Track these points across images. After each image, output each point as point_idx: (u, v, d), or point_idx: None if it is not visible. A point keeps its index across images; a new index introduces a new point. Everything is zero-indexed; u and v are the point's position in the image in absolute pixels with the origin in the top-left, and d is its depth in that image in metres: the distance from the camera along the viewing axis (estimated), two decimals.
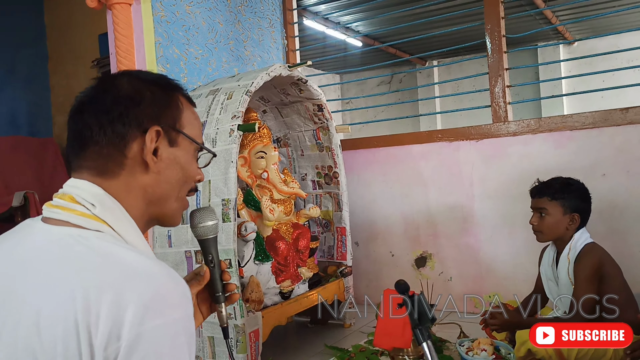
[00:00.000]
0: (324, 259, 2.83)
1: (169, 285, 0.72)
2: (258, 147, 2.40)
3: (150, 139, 0.83)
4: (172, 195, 0.89)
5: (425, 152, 3.00)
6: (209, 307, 1.06)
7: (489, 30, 2.84)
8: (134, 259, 0.73)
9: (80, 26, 3.81)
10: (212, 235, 1.03)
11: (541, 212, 1.99)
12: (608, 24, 6.70)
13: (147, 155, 0.83)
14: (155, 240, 2.29)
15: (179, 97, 0.90)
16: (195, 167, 0.93)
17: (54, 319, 0.68)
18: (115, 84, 0.86)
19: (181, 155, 0.89)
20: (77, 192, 0.81)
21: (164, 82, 0.90)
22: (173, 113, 0.88)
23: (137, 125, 0.83)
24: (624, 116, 2.47)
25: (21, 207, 3.22)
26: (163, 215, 0.90)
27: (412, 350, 1.92)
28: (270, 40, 3.31)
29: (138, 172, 0.84)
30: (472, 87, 4.57)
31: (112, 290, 0.68)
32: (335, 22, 6.05)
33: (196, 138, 0.91)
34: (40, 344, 0.68)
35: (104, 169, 0.83)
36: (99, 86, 0.87)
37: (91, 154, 0.83)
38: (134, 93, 0.85)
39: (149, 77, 0.90)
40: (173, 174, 0.88)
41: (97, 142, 0.82)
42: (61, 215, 0.79)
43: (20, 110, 3.90)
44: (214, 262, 1.02)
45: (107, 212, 0.80)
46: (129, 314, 0.66)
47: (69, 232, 0.76)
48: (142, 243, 0.83)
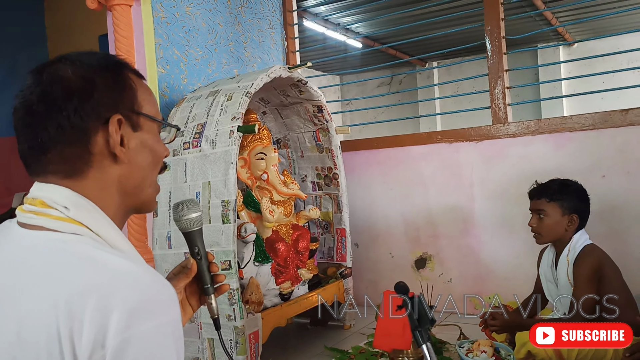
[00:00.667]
0: (324, 260, 2.83)
1: (154, 288, 0.70)
2: (258, 148, 2.40)
3: (115, 130, 0.78)
4: (146, 182, 0.85)
5: (425, 153, 3.00)
6: (199, 300, 1.05)
7: (489, 32, 2.84)
8: (118, 263, 0.70)
9: (81, 27, 3.81)
10: (197, 227, 1.02)
11: (540, 214, 1.99)
12: (608, 25, 6.71)
13: (115, 148, 0.78)
14: (155, 241, 2.29)
15: (129, 76, 0.84)
16: (162, 145, 0.89)
17: (36, 327, 0.66)
18: (59, 76, 0.77)
19: (147, 138, 0.84)
20: (47, 195, 0.76)
21: (110, 63, 0.83)
22: (128, 95, 0.82)
23: (96, 117, 0.77)
24: (623, 117, 2.47)
25: None
26: (140, 204, 0.86)
27: (411, 352, 1.92)
28: (270, 41, 3.31)
29: (107, 165, 0.79)
30: (472, 88, 4.57)
31: (95, 296, 0.65)
32: (336, 24, 6.06)
33: (156, 115, 0.86)
34: (22, 354, 0.66)
35: (70, 171, 0.77)
36: (42, 81, 0.78)
37: (53, 157, 0.77)
38: (83, 83, 0.77)
39: (92, 61, 0.82)
40: (143, 158, 0.83)
41: (57, 143, 0.76)
42: (35, 220, 0.75)
43: None
44: (200, 254, 1.01)
45: (82, 214, 0.76)
46: (114, 320, 0.64)
47: (47, 237, 0.73)
48: (124, 242, 0.79)
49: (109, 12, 2.34)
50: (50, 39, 4.06)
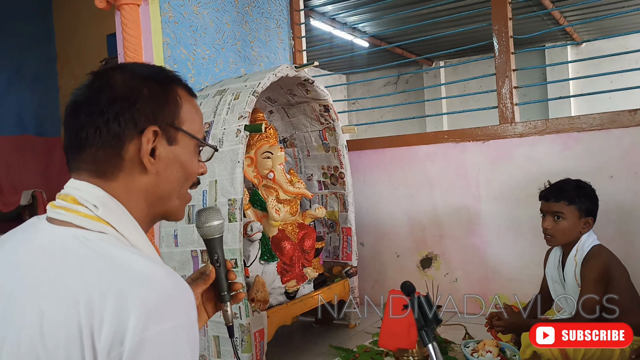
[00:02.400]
0: (330, 259, 2.83)
1: (173, 290, 0.71)
2: (264, 147, 2.41)
3: (147, 140, 0.80)
4: (173, 194, 0.87)
5: (432, 153, 2.99)
6: (214, 306, 1.06)
7: (497, 31, 2.83)
8: (139, 263, 0.72)
9: (88, 27, 3.83)
10: (217, 235, 1.03)
11: (557, 216, 1.94)
12: (616, 24, 6.67)
13: (144, 157, 0.81)
14: (161, 239, 2.30)
15: (177, 91, 0.87)
16: (197, 162, 0.90)
17: (57, 323, 0.67)
18: (109, 82, 0.82)
19: (181, 153, 0.86)
20: (78, 193, 0.79)
21: (161, 76, 0.86)
22: (171, 109, 0.84)
23: (134, 126, 0.80)
24: (632, 118, 2.45)
25: (29, 205, 3.25)
26: (166, 213, 0.89)
27: (417, 352, 1.92)
28: (277, 40, 3.32)
29: (136, 173, 0.82)
30: (479, 88, 4.55)
31: (115, 294, 0.67)
32: (342, 23, 6.06)
33: (196, 133, 0.88)
34: (44, 348, 0.67)
35: (101, 171, 0.81)
36: (93, 84, 0.83)
37: (88, 156, 0.81)
38: (129, 92, 0.81)
39: (144, 71, 0.86)
40: (173, 173, 0.85)
41: (92, 144, 0.80)
42: (64, 216, 0.78)
43: (28, 111, 3.93)
44: (219, 262, 1.02)
45: (110, 214, 0.78)
46: (132, 319, 0.65)
47: (73, 233, 0.75)
48: (146, 245, 0.82)
49: (117, 11, 2.35)
50: (58, 38, 4.09)
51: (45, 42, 4.03)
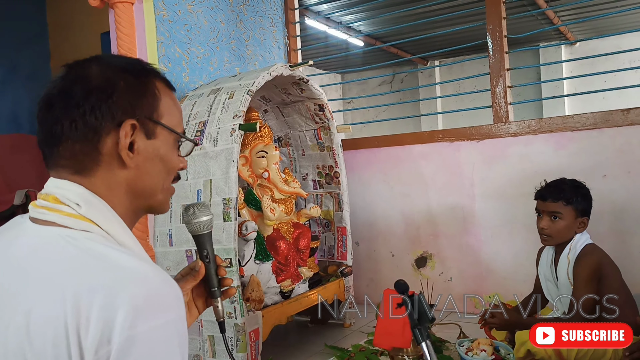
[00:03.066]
0: (325, 258, 2.83)
1: (160, 287, 0.70)
2: (259, 146, 2.41)
3: (125, 134, 0.78)
4: (156, 188, 0.86)
5: (426, 152, 3.00)
6: (205, 302, 1.05)
7: (491, 31, 2.84)
8: (126, 261, 0.71)
9: (83, 25, 3.82)
10: (206, 230, 1.02)
11: (554, 216, 1.94)
12: (610, 24, 6.70)
13: (121, 151, 0.79)
14: (156, 239, 2.30)
15: (155, 84, 0.84)
16: (177, 156, 0.88)
17: (44, 321, 0.67)
18: (84, 74, 0.79)
19: (160, 147, 0.84)
20: (60, 192, 0.78)
21: (138, 68, 0.84)
22: (149, 102, 0.82)
23: (111, 119, 0.78)
24: (625, 117, 2.47)
25: (22, 205, 3.23)
26: (150, 207, 0.87)
27: (411, 350, 1.92)
28: (272, 39, 3.32)
29: (115, 167, 0.80)
30: (474, 87, 4.57)
31: (102, 292, 0.66)
32: (337, 22, 6.06)
33: (176, 127, 0.86)
34: (30, 346, 0.67)
35: (80, 167, 0.79)
36: (67, 77, 0.80)
37: (64, 151, 0.79)
38: (106, 83, 0.79)
39: (121, 63, 0.83)
40: (153, 166, 0.83)
41: (68, 137, 0.78)
42: (47, 215, 0.76)
43: (22, 109, 3.90)
44: (209, 257, 1.01)
45: (93, 211, 0.77)
46: (120, 317, 0.65)
47: (58, 232, 0.74)
48: (133, 242, 0.80)
49: (111, 9, 2.34)
50: (51, 36, 4.06)
51: (39, 40, 4.01)
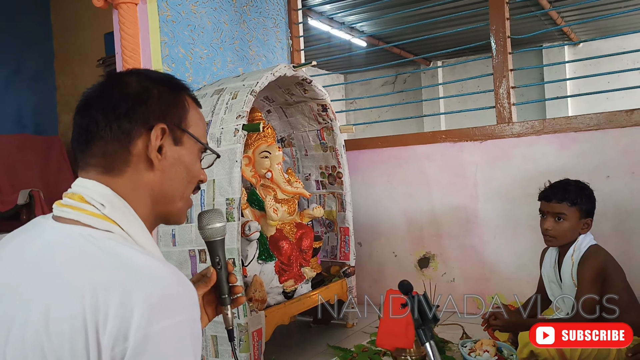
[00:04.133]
0: (327, 259, 2.83)
1: (176, 287, 0.72)
2: (262, 146, 2.41)
3: (156, 137, 0.84)
4: (177, 195, 0.89)
5: (429, 152, 2.99)
6: (215, 309, 1.07)
7: (494, 31, 2.84)
8: (143, 261, 0.73)
9: (87, 25, 3.83)
10: (219, 237, 1.03)
11: (559, 217, 1.93)
12: (613, 25, 6.69)
13: (151, 153, 0.84)
14: (159, 239, 2.30)
15: (185, 97, 0.91)
16: (199, 167, 0.93)
17: (62, 317, 0.68)
18: (123, 81, 0.86)
19: (185, 155, 0.89)
20: (86, 192, 0.81)
21: (172, 82, 0.91)
22: (179, 112, 0.89)
23: (143, 123, 0.84)
24: (629, 118, 2.46)
25: (26, 205, 3.24)
26: (168, 214, 0.90)
27: (414, 351, 1.92)
28: (275, 40, 3.32)
29: (143, 169, 0.84)
30: (477, 87, 4.56)
31: (120, 290, 0.68)
32: (340, 22, 6.06)
33: (201, 138, 0.92)
34: (49, 341, 0.68)
35: (109, 166, 0.83)
36: (107, 82, 0.87)
37: (96, 150, 0.83)
38: (142, 90, 0.85)
39: (157, 75, 0.91)
40: (177, 172, 0.88)
41: (102, 137, 0.82)
42: (71, 214, 0.79)
43: (26, 109, 3.92)
44: (220, 264, 1.02)
45: (116, 212, 0.80)
46: (136, 315, 0.67)
47: (79, 231, 0.77)
48: (151, 244, 0.83)
49: (115, 10, 2.35)
50: (55, 37, 4.08)
51: (43, 41, 4.02)
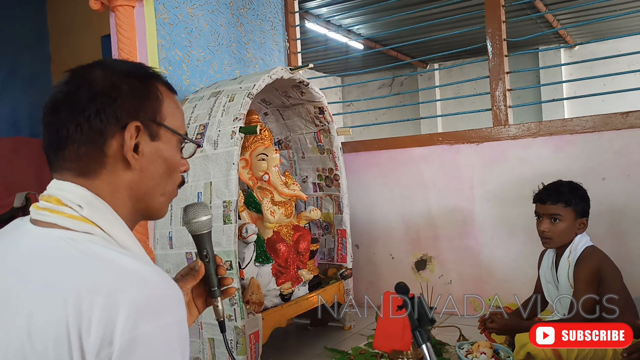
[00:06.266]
0: (324, 261, 2.84)
1: (161, 288, 0.71)
2: (259, 149, 2.41)
3: (130, 136, 0.80)
4: (157, 190, 0.87)
5: (426, 155, 3.00)
6: (205, 302, 1.06)
7: (490, 34, 2.85)
8: (126, 263, 0.71)
9: (83, 28, 3.82)
10: (206, 230, 1.02)
11: (554, 218, 1.95)
12: (609, 28, 6.72)
13: (127, 153, 0.80)
14: (156, 241, 2.30)
15: (157, 87, 0.86)
16: (179, 158, 0.90)
17: (45, 323, 0.67)
18: (89, 78, 0.81)
19: (164, 149, 0.85)
20: (62, 194, 0.78)
21: (141, 72, 0.86)
22: (153, 105, 0.84)
23: (115, 122, 0.80)
24: (624, 120, 2.47)
25: (22, 208, 3.23)
26: (150, 210, 0.88)
27: (411, 353, 1.92)
28: (272, 42, 3.32)
29: (120, 169, 0.81)
30: (473, 90, 4.57)
31: (104, 294, 0.66)
32: (337, 25, 6.07)
33: (178, 129, 0.88)
34: (32, 348, 0.67)
35: (84, 169, 0.80)
36: (72, 81, 0.82)
37: (70, 154, 0.80)
38: (110, 87, 0.80)
39: (124, 67, 0.86)
40: (156, 168, 0.85)
41: (74, 140, 0.79)
42: (49, 217, 0.77)
43: (22, 112, 3.90)
44: (208, 257, 1.02)
45: (95, 213, 0.77)
46: (121, 319, 0.65)
47: (59, 234, 0.74)
48: (134, 244, 0.81)
49: (112, 12, 2.35)
50: (52, 39, 4.07)
51: (39, 43, 4.01)
